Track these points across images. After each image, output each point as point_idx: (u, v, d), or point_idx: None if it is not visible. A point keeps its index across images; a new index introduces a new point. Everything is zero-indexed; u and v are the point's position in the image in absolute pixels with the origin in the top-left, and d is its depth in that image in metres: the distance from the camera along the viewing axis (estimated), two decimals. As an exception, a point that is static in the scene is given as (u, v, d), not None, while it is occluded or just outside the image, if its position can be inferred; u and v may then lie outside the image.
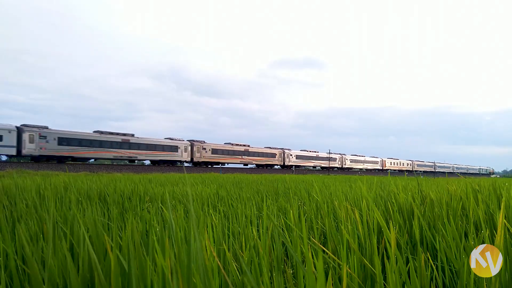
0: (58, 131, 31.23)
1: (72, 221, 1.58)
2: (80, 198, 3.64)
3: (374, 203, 2.49)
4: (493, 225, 1.91)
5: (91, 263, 1.03)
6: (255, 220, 2.08)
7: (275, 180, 8.91)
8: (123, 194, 4.12)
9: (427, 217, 2.00)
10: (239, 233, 1.76)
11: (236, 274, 1.15)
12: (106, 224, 2.08)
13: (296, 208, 2.33)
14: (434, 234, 1.72)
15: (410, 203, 2.12)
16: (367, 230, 1.53)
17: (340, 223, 1.91)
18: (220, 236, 1.49)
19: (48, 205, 2.52)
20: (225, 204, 3.39)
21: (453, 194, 2.56)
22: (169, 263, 0.95)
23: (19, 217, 2.26)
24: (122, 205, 3.33)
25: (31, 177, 8.78)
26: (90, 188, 4.52)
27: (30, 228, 1.77)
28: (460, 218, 2.10)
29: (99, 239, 1.24)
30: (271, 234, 1.53)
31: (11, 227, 2.02)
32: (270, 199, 3.55)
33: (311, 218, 2.24)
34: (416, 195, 2.56)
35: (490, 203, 2.12)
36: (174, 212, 2.07)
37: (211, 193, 4.25)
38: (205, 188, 4.99)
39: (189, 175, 13.13)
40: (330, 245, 1.62)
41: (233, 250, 1.56)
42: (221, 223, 1.82)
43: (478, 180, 5.63)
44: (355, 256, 1.29)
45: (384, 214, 2.22)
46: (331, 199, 3.05)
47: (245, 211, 2.42)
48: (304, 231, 0.97)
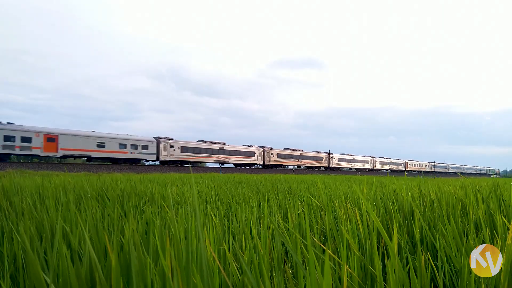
0: (181, 141, 39.99)
1: (73, 221, 1.58)
2: (80, 198, 3.65)
3: (374, 203, 2.49)
4: (493, 225, 1.91)
5: (91, 263, 1.03)
6: (255, 220, 2.08)
7: (275, 180, 8.92)
8: (123, 194, 4.12)
9: (427, 217, 2.00)
10: (239, 233, 1.76)
11: (236, 274, 1.15)
12: (107, 224, 2.08)
13: (296, 208, 2.33)
14: (434, 233, 1.72)
15: (410, 203, 2.12)
16: (367, 230, 1.53)
17: (340, 223, 1.92)
18: (220, 236, 1.49)
19: (48, 205, 2.52)
20: (225, 204, 3.39)
21: (449, 195, 2.56)
22: (169, 263, 0.95)
23: (20, 217, 2.26)
24: (122, 205, 3.33)
25: (31, 177, 8.78)
26: (90, 188, 4.52)
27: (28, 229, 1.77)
28: (460, 218, 2.10)
29: (100, 241, 1.24)
30: (271, 234, 1.53)
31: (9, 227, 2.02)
32: (271, 199, 3.55)
33: (311, 218, 2.24)
34: (416, 194, 2.56)
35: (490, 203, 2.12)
36: (174, 212, 2.06)
37: (211, 193, 4.25)
38: (205, 188, 4.99)
39: (189, 175, 13.14)
40: (330, 245, 1.63)
41: (233, 250, 1.56)
42: (221, 223, 1.82)
43: (478, 180, 5.64)
44: (355, 256, 1.30)
45: (384, 214, 2.22)
46: (331, 199, 3.05)
47: (245, 211, 2.42)
48: (308, 231, 0.97)
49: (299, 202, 3.08)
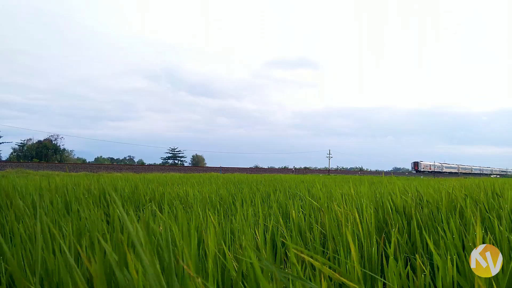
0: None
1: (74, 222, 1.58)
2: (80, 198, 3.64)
3: (371, 203, 2.49)
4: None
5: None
6: (253, 220, 2.08)
7: (275, 180, 8.92)
8: (123, 194, 4.12)
9: (425, 217, 2.00)
10: (239, 232, 1.76)
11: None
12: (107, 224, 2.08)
13: (297, 208, 2.33)
14: (432, 234, 1.72)
15: (409, 204, 2.12)
16: (366, 230, 1.53)
17: (340, 223, 1.91)
18: (220, 236, 1.49)
19: (47, 205, 2.52)
20: (225, 204, 3.39)
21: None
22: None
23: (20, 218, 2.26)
24: (122, 205, 3.33)
25: (31, 177, 8.78)
26: (90, 188, 4.51)
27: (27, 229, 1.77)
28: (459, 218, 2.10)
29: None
30: (271, 234, 1.53)
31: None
32: (271, 200, 3.54)
33: (311, 219, 2.24)
34: (414, 195, 2.56)
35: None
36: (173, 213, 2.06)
37: (211, 193, 4.25)
38: (205, 188, 4.99)
39: (189, 175, 13.13)
40: (330, 245, 1.62)
41: (233, 250, 1.56)
42: (221, 223, 1.82)
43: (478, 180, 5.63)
44: (355, 255, 1.29)
45: (382, 214, 2.22)
46: (331, 199, 3.05)
47: (244, 211, 2.42)
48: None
49: (300, 202, 3.08)
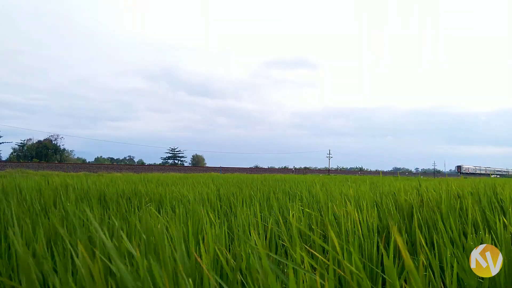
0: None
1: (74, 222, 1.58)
2: (80, 198, 3.64)
3: (374, 202, 2.49)
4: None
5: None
6: (254, 220, 2.08)
7: (275, 179, 8.92)
8: (123, 195, 4.12)
9: (425, 216, 1.99)
10: (239, 231, 1.76)
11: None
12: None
13: (297, 208, 2.33)
14: (433, 233, 1.72)
15: (409, 203, 2.12)
16: (366, 230, 1.53)
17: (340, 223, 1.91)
18: (219, 237, 1.48)
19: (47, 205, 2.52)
20: (225, 204, 3.39)
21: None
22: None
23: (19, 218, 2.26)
24: (122, 205, 3.32)
25: (31, 177, 8.78)
26: (90, 188, 4.52)
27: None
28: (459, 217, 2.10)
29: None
30: (270, 234, 1.53)
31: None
32: (271, 199, 3.54)
33: (311, 218, 2.23)
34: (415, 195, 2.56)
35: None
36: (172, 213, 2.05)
37: (211, 193, 4.25)
38: (205, 188, 4.98)
39: (189, 175, 13.14)
40: (330, 244, 1.62)
41: (233, 250, 1.55)
42: (221, 223, 1.81)
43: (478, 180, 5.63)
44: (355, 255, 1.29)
45: (384, 213, 2.21)
46: (331, 198, 3.05)
47: (245, 211, 2.41)
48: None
49: (300, 203, 3.08)
